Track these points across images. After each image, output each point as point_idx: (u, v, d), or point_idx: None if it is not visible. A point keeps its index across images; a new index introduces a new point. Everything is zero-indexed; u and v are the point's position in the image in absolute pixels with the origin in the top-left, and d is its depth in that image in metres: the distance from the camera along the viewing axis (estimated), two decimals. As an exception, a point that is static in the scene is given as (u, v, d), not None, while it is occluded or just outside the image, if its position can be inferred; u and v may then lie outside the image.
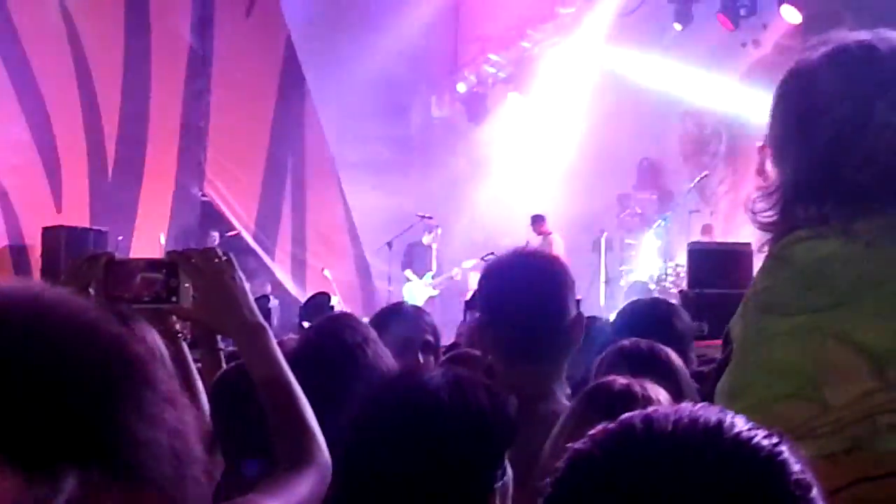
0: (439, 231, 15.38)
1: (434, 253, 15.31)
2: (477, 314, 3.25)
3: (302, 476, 1.99)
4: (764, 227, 1.90)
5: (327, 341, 3.09)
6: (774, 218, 1.88)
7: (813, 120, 1.84)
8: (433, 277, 15.11)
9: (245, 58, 16.23)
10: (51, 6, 14.58)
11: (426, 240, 15.23)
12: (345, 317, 3.59)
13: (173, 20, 15.86)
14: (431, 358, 4.03)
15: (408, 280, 15.07)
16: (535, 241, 14.98)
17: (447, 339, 5.42)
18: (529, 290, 2.89)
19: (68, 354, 1.06)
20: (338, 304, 12.68)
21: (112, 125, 15.29)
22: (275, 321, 12.07)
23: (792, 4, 13.29)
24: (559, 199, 15.46)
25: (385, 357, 3.11)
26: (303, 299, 14.15)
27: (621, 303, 14.37)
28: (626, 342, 3.26)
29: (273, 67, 16.66)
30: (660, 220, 14.08)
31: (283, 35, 16.48)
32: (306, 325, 11.73)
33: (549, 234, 14.94)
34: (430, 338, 4.10)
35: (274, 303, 12.56)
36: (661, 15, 14.92)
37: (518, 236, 15.47)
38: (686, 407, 1.09)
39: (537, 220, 14.98)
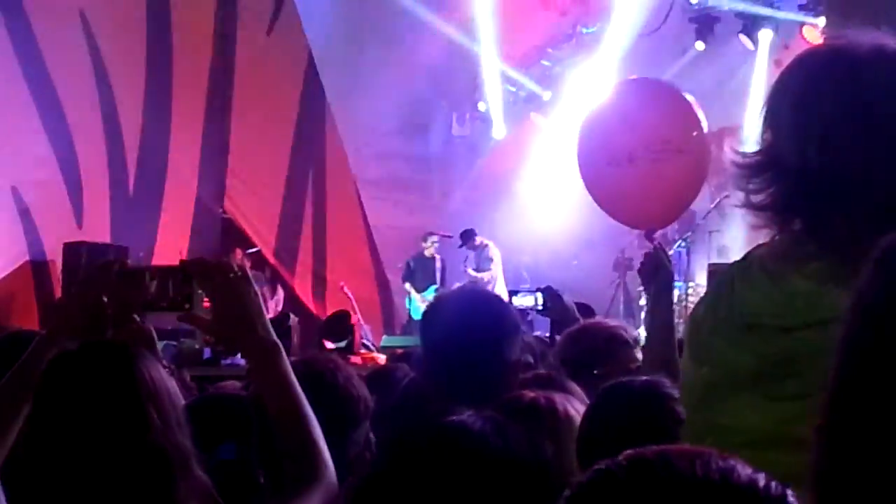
0: (433, 241, 15.10)
1: (438, 264, 15.16)
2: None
3: (310, 498, 1.98)
4: (753, 207, 1.78)
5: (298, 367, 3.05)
6: (768, 201, 1.75)
7: (869, 110, 1.72)
8: (437, 291, 14.88)
9: (266, 75, 16.25)
10: (73, 23, 14.61)
11: (427, 252, 15.11)
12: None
13: (195, 36, 15.90)
14: None
15: (408, 294, 14.97)
16: (470, 257, 14.90)
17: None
18: (469, 335, 2.91)
19: None
20: (357, 321, 12.63)
21: (133, 142, 15.31)
22: (295, 338, 12.03)
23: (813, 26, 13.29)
24: (580, 218, 15.39)
25: (359, 387, 3.03)
26: (323, 316, 14.13)
27: (641, 323, 14.37)
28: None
29: (294, 84, 16.67)
30: (680, 241, 14.01)
31: (304, 52, 16.49)
32: (327, 343, 11.71)
33: (487, 245, 14.80)
34: None
35: (294, 320, 12.51)
36: (683, 34, 14.90)
37: (538, 255, 15.46)
38: (694, 448, 1.08)
39: (468, 236, 14.85)
